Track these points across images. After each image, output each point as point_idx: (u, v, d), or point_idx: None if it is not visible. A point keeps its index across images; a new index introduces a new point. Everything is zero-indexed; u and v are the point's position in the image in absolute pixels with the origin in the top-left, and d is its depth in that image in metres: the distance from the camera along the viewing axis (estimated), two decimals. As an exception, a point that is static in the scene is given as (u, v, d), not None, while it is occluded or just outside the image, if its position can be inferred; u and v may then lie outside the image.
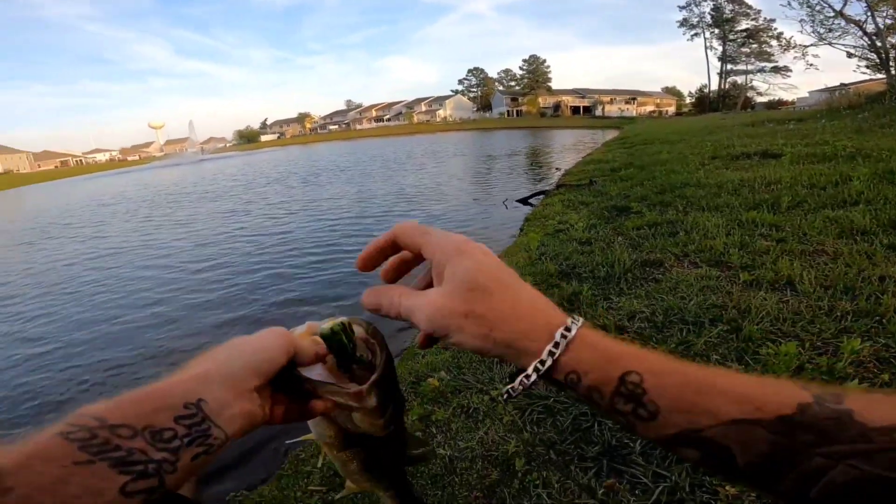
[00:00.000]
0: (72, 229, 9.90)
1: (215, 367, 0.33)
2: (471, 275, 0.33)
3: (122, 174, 38.20)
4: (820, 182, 3.99)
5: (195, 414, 0.30)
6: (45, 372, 3.17)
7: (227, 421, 0.31)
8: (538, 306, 0.33)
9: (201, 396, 0.31)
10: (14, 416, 2.70)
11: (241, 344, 0.36)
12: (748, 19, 47.05)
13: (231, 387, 0.32)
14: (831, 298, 1.97)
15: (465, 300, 0.33)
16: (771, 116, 16.19)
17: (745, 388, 0.28)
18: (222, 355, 0.34)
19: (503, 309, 0.32)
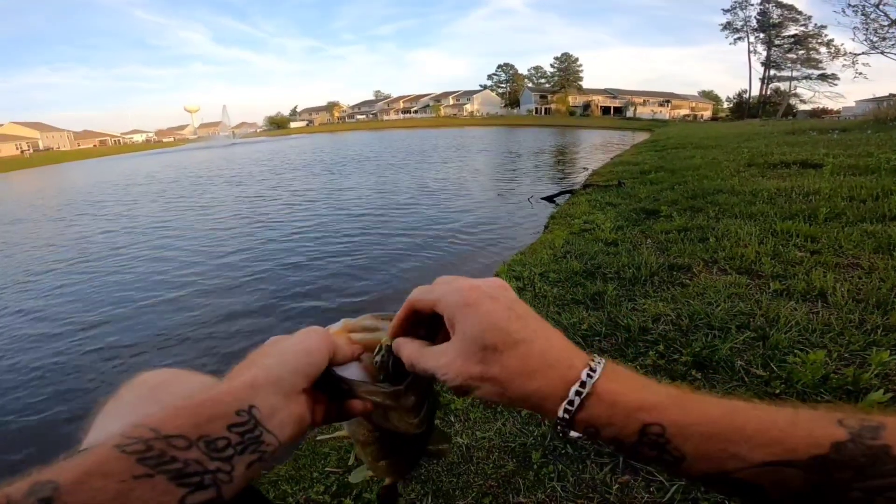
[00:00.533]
0: (102, 207, 10.24)
1: (264, 372, 0.33)
2: (479, 332, 0.33)
3: (156, 154, 39.48)
4: (860, 195, 3.86)
5: (248, 421, 0.29)
6: (54, 352, 3.23)
7: (278, 426, 0.31)
8: (550, 359, 0.32)
9: (253, 403, 0.30)
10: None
11: (286, 347, 0.35)
12: (797, 25, 45.16)
13: (281, 391, 0.32)
14: (862, 312, 1.94)
15: (477, 361, 0.33)
16: (813, 125, 15.57)
17: (775, 432, 0.27)
18: (270, 360, 0.34)
19: (514, 367, 0.32)
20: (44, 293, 4.53)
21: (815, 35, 43.68)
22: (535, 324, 0.35)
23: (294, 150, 26.24)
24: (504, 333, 0.33)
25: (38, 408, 2.60)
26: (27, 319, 3.89)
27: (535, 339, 0.33)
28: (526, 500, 1.29)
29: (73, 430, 2.34)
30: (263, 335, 0.65)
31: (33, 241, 7.19)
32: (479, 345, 0.33)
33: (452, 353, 0.34)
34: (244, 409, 0.30)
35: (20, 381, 2.87)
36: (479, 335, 0.33)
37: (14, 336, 3.56)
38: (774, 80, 49.68)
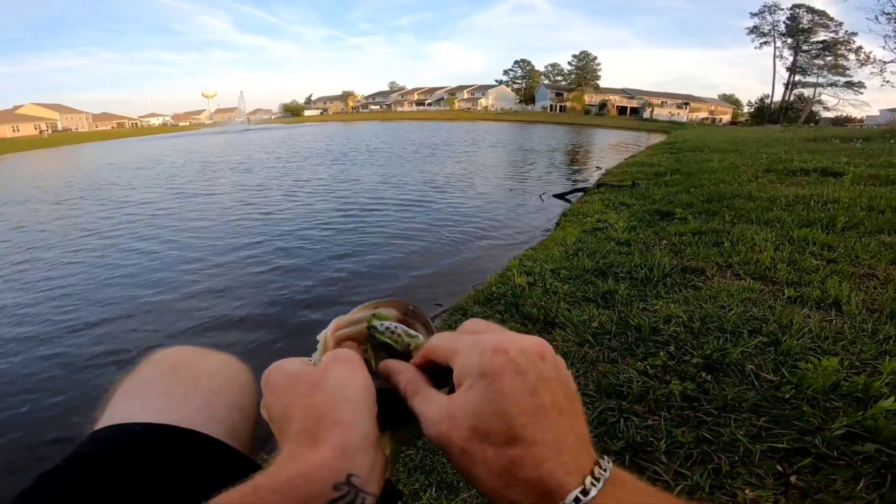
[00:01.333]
0: (99, 191, 10.02)
1: (348, 431, 0.29)
2: (479, 411, 0.28)
3: (170, 138, 39.79)
4: (880, 205, 3.81)
5: (348, 493, 0.27)
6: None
7: (374, 484, 0.29)
8: (542, 470, 0.27)
9: (351, 471, 0.27)
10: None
11: (345, 390, 0.31)
12: (827, 31, 44.17)
13: (371, 446, 0.29)
14: (876, 322, 1.93)
15: (465, 438, 0.29)
16: (836, 133, 15.28)
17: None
18: (345, 413, 0.30)
19: (494, 469, 0.28)
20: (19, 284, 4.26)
21: (844, 42, 42.74)
22: (552, 420, 0.29)
23: (304, 139, 26.17)
24: (504, 425, 0.28)
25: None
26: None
27: (537, 442, 0.28)
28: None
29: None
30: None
31: (25, 224, 6.94)
32: (472, 422, 0.28)
33: (445, 411, 0.30)
34: (342, 481, 0.26)
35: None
36: (477, 414, 0.28)
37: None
38: (799, 85, 48.74)
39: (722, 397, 1.55)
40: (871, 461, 1.21)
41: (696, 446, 1.37)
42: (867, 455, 1.23)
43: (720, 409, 1.51)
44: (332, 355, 0.34)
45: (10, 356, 2.91)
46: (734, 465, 1.30)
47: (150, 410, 0.47)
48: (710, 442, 1.39)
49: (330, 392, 0.31)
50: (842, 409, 1.42)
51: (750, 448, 1.34)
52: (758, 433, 1.40)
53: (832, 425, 1.34)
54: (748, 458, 1.32)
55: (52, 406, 2.40)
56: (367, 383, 0.32)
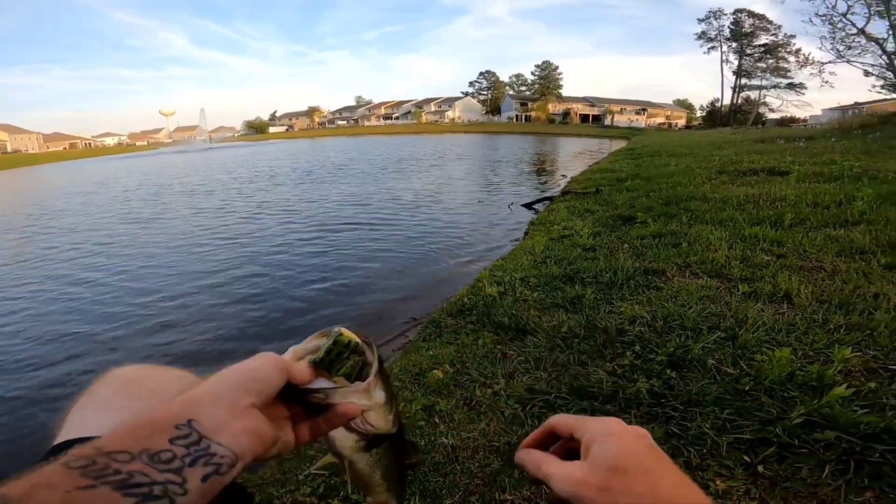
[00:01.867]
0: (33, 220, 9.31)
1: (202, 390, 0.33)
2: (613, 455, 0.34)
3: (125, 159, 38.31)
4: (824, 201, 4.05)
5: (189, 434, 0.30)
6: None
7: (229, 439, 0.31)
8: (679, 497, 0.33)
9: (191, 417, 0.31)
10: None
11: (229, 370, 0.36)
12: (767, 34, 46.94)
13: (223, 405, 0.32)
14: (826, 312, 2.04)
15: (602, 478, 0.34)
16: (781, 133, 16.22)
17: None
18: (210, 380, 0.35)
19: (638, 492, 0.32)
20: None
21: (784, 44, 45.43)
22: (673, 469, 0.35)
23: (267, 158, 25.55)
24: (637, 460, 0.34)
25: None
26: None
27: (668, 478, 0.34)
28: (512, 497, 1.31)
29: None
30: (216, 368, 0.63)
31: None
32: (609, 465, 0.34)
33: (577, 466, 0.36)
34: (183, 422, 0.30)
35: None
36: (611, 458, 0.34)
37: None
38: (745, 88, 51.48)
39: (687, 392, 1.60)
40: (832, 448, 1.26)
41: (666, 441, 1.41)
42: (828, 442, 1.28)
43: (686, 403, 1.56)
44: (259, 354, 0.38)
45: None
46: (703, 457, 1.34)
47: (105, 425, 0.48)
48: (679, 436, 1.43)
49: (218, 372, 0.35)
50: (798, 398, 1.48)
51: (717, 440, 1.38)
52: (723, 426, 1.44)
53: (791, 414, 1.40)
54: (716, 450, 1.36)
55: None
56: (254, 368, 0.36)
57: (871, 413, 1.35)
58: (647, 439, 0.37)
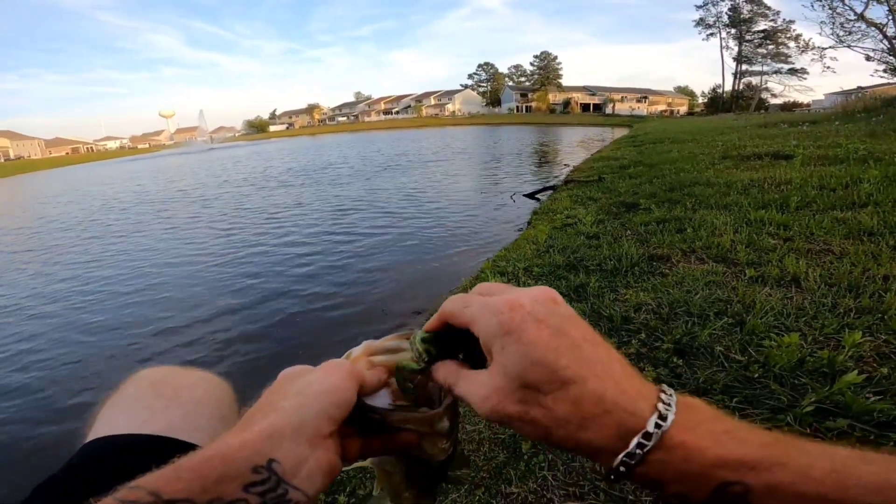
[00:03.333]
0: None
1: (284, 419, 0.28)
2: (521, 369, 0.28)
3: (128, 162, 38.41)
4: (830, 184, 3.99)
5: (268, 479, 0.26)
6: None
7: (306, 480, 0.27)
8: (607, 404, 0.27)
9: (272, 456, 0.26)
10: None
11: (307, 387, 0.31)
12: (766, 20, 46.42)
13: (304, 439, 0.28)
14: (835, 296, 2.00)
15: (516, 401, 0.28)
16: (784, 118, 16.02)
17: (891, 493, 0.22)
18: (288, 402, 0.30)
19: (561, 413, 0.27)
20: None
21: (783, 30, 45.01)
22: (591, 353, 0.29)
23: (269, 155, 25.52)
24: (549, 371, 0.27)
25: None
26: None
27: (589, 377, 0.27)
28: (518, 490, 1.30)
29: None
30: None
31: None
32: (519, 382, 0.28)
33: (490, 385, 0.30)
34: (262, 464, 0.26)
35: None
36: (519, 372, 0.28)
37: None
38: (746, 74, 51.01)
39: (694, 381, 1.57)
40: (845, 436, 1.23)
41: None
42: (840, 430, 1.24)
43: (693, 392, 1.52)
44: (328, 361, 0.34)
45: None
46: (713, 448, 1.31)
47: (134, 423, 0.50)
48: (686, 427, 1.40)
49: (293, 385, 0.31)
50: (809, 385, 1.44)
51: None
52: (732, 414, 1.41)
53: (802, 402, 1.36)
54: (725, 440, 1.33)
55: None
56: (337, 386, 0.31)
57: (885, 400, 1.31)
58: (556, 310, 0.30)
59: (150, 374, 0.59)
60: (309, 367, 0.35)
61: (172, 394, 0.55)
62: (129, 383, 0.57)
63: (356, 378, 0.33)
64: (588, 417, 0.27)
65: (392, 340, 0.39)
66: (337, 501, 1.38)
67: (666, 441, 0.25)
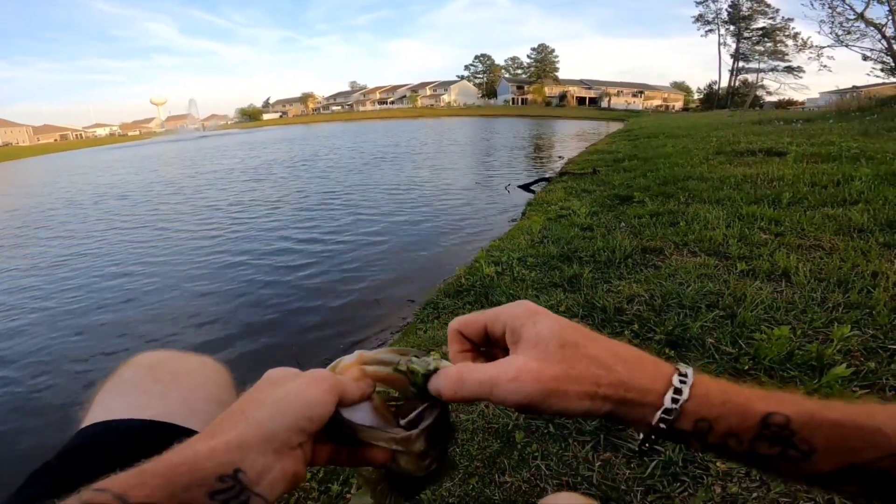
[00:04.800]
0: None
1: (254, 429, 0.28)
2: (556, 331, 0.31)
3: (117, 149, 37.75)
4: (822, 181, 4.02)
5: (232, 487, 0.26)
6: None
7: (268, 488, 0.28)
8: (635, 353, 0.30)
9: (238, 466, 0.27)
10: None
11: (284, 398, 0.30)
12: (765, 17, 46.44)
13: (272, 448, 0.28)
14: (825, 290, 2.02)
15: (560, 359, 0.29)
16: (779, 115, 16.10)
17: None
18: (262, 412, 0.29)
19: (605, 360, 0.29)
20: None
21: (782, 28, 45.02)
22: (597, 341, 0.32)
23: (260, 145, 25.16)
24: (581, 331, 0.31)
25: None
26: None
27: (615, 343, 0.31)
28: (511, 479, 1.30)
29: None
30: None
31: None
32: (559, 342, 0.30)
33: (523, 357, 0.31)
34: (228, 473, 0.26)
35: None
36: (556, 333, 0.30)
37: None
38: (743, 71, 51.10)
39: (685, 372, 1.58)
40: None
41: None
42: (828, 423, 1.27)
43: (684, 384, 1.54)
44: (311, 371, 0.34)
45: None
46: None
47: (131, 407, 0.49)
48: (677, 417, 1.41)
49: (269, 393, 0.31)
50: (798, 378, 1.46)
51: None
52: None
53: (791, 394, 1.38)
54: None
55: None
56: (313, 401, 0.31)
57: (871, 393, 1.33)
58: (560, 319, 0.34)
59: (147, 358, 0.58)
60: (294, 371, 0.34)
61: (170, 378, 0.54)
62: (126, 367, 0.56)
63: (337, 392, 0.33)
64: (630, 360, 0.30)
65: (387, 354, 0.40)
66: (331, 490, 1.38)
67: (699, 380, 0.28)
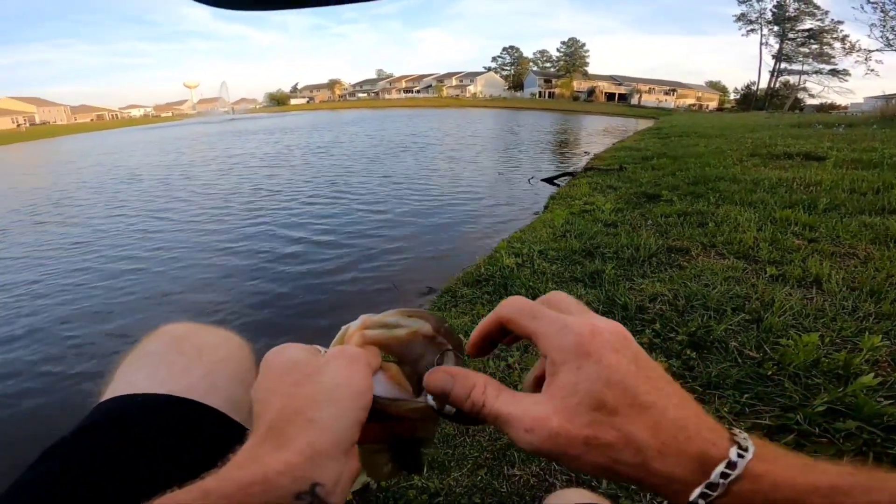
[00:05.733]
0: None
1: (323, 434, 0.26)
2: (597, 389, 0.26)
3: (151, 129, 38.62)
4: (861, 188, 3.86)
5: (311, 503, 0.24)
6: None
7: (341, 494, 0.26)
8: (689, 430, 0.25)
9: (315, 479, 0.25)
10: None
11: (337, 391, 0.28)
12: (813, 19, 44.52)
13: (343, 452, 0.27)
14: (856, 299, 1.96)
15: (586, 424, 0.26)
16: (820, 119, 15.43)
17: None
18: (326, 414, 0.27)
19: (638, 437, 0.25)
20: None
21: (830, 30, 43.18)
22: (667, 386, 0.27)
23: (285, 128, 25.45)
24: (629, 394, 0.26)
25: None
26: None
27: (669, 406, 0.26)
28: (521, 473, 1.31)
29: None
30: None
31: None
32: (594, 403, 0.26)
33: (548, 406, 0.27)
34: (305, 490, 0.24)
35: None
36: (596, 391, 0.26)
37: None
38: (784, 73, 49.19)
39: (706, 374, 1.56)
40: (852, 438, 1.22)
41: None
42: (849, 432, 1.23)
43: (705, 386, 1.52)
44: (339, 350, 0.32)
45: None
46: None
47: (154, 381, 0.48)
48: (695, 419, 1.40)
49: (318, 387, 0.28)
50: (823, 385, 1.43)
51: (734, 425, 1.35)
52: (741, 410, 1.41)
53: (814, 402, 1.35)
54: (733, 435, 1.32)
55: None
56: (364, 387, 0.29)
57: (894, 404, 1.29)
58: (630, 344, 0.28)
59: (172, 330, 0.56)
60: (308, 349, 0.32)
61: (195, 352, 0.53)
62: (151, 339, 0.55)
63: (372, 369, 0.32)
64: (668, 444, 0.25)
65: (392, 316, 0.36)
66: None
67: (750, 470, 0.24)
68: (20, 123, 63.93)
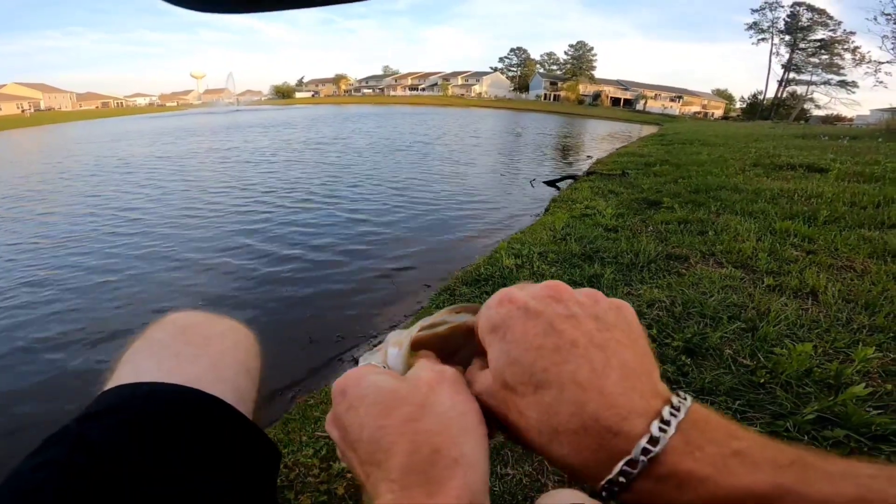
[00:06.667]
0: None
1: (471, 472, 0.24)
2: (500, 366, 0.26)
3: (154, 118, 38.66)
4: (862, 201, 3.88)
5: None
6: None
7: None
8: (584, 417, 0.23)
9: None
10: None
11: (461, 419, 0.26)
12: (825, 29, 44.49)
13: (488, 495, 0.25)
14: (851, 311, 1.98)
15: (499, 401, 0.26)
16: (825, 130, 15.44)
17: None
18: (467, 448, 0.25)
19: (532, 420, 0.24)
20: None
21: (842, 41, 43.14)
22: (585, 356, 0.24)
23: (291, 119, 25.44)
24: (525, 372, 0.24)
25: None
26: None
27: (568, 384, 0.23)
28: (514, 472, 1.32)
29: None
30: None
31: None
32: (500, 382, 0.25)
33: (480, 384, 0.28)
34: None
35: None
36: (500, 370, 0.25)
37: None
38: (793, 83, 49.18)
39: (700, 380, 1.58)
40: (840, 446, 1.25)
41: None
42: (836, 440, 1.26)
43: (698, 391, 1.54)
44: (437, 373, 0.28)
45: None
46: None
47: (160, 370, 0.47)
48: (686, 424, 1.42)
49: (442, 419, 0.25)
50: (814, 394, 1.45)
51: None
52: (733, 416, 1.43)
53: (804, 410, 1.38)
54: (723, 440, 1.35)
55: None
56: (478, 409, 0.27)
57: (884, 414, 1.32)
58: (550, 312, 0.26)
59: (179, 319, 0.55)
60: (385, 372, 0.30)
61: (202, 341, 0.52)
62: (157, 327, 0.54)
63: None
64: (560, 431, 0.23)
65: (441, 315, 0.36)
66: (332, 467, 1.42)
67: (655, 469, 0.21)
68: (25, 109, 64.14)
